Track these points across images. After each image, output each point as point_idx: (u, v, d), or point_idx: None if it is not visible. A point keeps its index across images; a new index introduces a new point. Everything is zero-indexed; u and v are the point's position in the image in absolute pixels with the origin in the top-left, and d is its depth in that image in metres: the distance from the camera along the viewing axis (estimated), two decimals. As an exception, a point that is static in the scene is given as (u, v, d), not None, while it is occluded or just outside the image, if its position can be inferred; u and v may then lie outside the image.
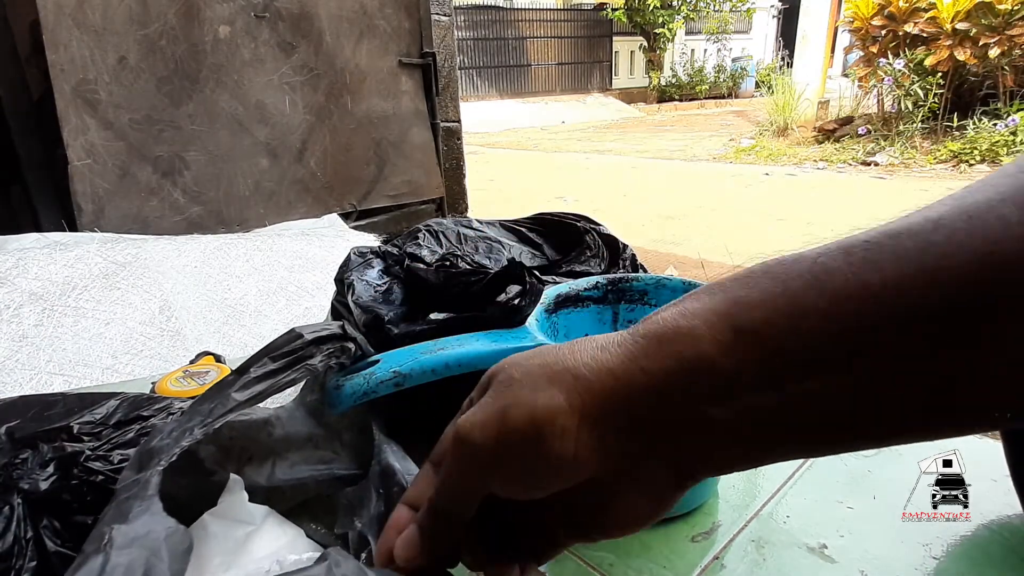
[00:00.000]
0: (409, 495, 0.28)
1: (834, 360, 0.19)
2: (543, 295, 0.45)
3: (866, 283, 0.19)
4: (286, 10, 2.06)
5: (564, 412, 0.22)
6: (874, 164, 5.15)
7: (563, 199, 4.47)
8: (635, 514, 0.24)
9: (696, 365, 0.21)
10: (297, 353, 0.35)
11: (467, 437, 0.23)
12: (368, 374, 0.38)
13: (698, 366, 0.21)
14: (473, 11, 10.92)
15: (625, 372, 0.22)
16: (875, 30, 5.38)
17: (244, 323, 1.32)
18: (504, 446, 0.23)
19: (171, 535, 0.26)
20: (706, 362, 0.20)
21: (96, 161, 1.71)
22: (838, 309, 0.19)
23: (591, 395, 0.22)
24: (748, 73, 12.67)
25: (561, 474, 0.23)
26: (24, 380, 1.07)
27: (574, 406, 0.22)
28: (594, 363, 0.22)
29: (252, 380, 0.33)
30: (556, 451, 0.22)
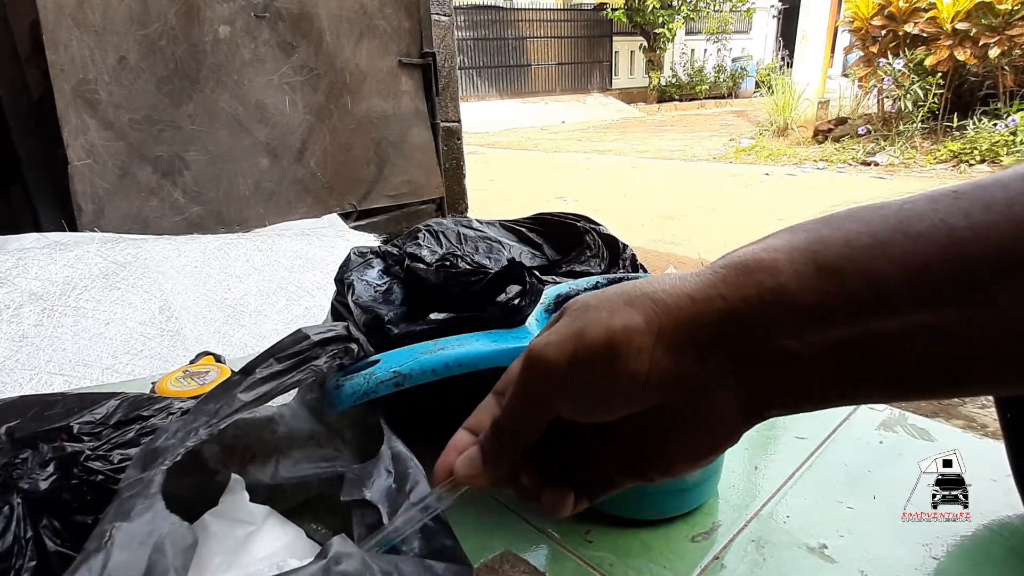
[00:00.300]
0: (470, 422, 0.28)
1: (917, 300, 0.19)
2: (543, 295, 0.45)
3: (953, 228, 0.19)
4: (286, 10, 2.06)
5: (641, 331, 0.22)
6: (874, 164, 5.15)
7: (563, 199, 4.47)
8: (697, 447, 0.24)
9: (776, 296, 0.21)
10: (303, 354, 0.35)
11: (540, 356, 0.24)
12: (368, 374, 0.38)
13: (778, 297, 0.21)
14: (473, 11, 10.92)
15: (704, 297, 0.22)
16: (875, 30, 5.38)
17: (244, 323, 1.32)
18: (578, 365, 0.23)
19: (174, 532, 0.26)
20: (786, 293, 0.20)
21: (96, 161, 1.71)
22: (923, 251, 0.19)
23: (668, 317, 0.22)
24: (748, 73, 12.67)
25: (632, 394, 0.23)
26: (24, 380, 1.07)
27: (651, 326, 0.22)
28: (672, 289, 0.22)
29: (258, 381, 0.33)
30: (630, 369, 0.22)
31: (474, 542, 0.42)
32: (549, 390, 0.24)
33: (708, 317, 0.22)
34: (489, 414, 0.27)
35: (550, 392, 0.24)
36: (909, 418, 0.55)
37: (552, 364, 0.23)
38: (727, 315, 0.21)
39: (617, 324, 0.22)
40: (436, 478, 0.27)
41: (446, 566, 0.28)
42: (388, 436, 0.36)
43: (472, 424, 0.28)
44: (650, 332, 0.22)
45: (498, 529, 0.43)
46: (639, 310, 0.22)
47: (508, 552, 0.41)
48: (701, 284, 0.22)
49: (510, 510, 0.45)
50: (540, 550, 0.42)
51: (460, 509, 0.45)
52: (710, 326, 0.22)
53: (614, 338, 0.22)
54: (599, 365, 0.23)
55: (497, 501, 0.46)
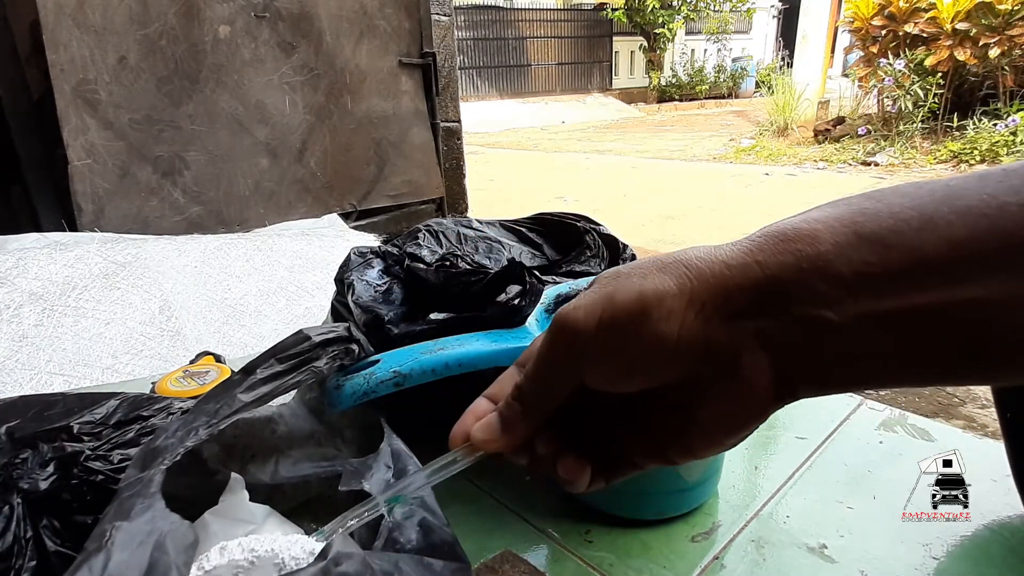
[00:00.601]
0: (491, 390, 0.27)
1: (962, 274, 0.19)
2: (543, 295, 0.45)
3: (1003, 204, 0.18)
4: (286, 10, 2.06)
5: (672, 295, 0.22)
6: (874, 164, 5.15)
7: (563, 199, 4.47)
8: (723, 425, 0.23)
9: (815, 264, 0.20)
10: (304, 355, 0.35)
11: (568, 319, 0.23)
12: (368, 374, 0.38)
13: (817, 266, 0.20)
14: (473, 11, 10.92)
15: (740, 264, 0.21)
16: (875, 30, 5.38)
17: (244, 323, 1.32)
18: (607, 328, 0.22)
19: (175, 530, 0.26)
20: (826, 263, 0.20)
21: (96, 161, 1.71)
22: (971, 225, 0.19)
23: (702, 283, 0.21)
24: (748, 73, 12.67)
25: (661, 360, 0.22)
26: (24, 380, 1.07)
27: (683, 290, 0.22)
28: (707, 256, 0.22)
29: (258, 381, 0.33)
30: (660, 332, 0.22)
31: (474, 542, 0.42)
32: (576, 354, 0.23)
33: (743, 284, 0.21)
34: (511, 382, 0.26)
35: (577, 356, 0.23)
36: (909, 418, 0.55)
37: (581, 327, 0.23)
38: (763, 282, 0.21)
39: (648, 288, 0.22)
40: (452, 442, 0.27)
41: (444, 564, 0.28)
42: (388, 434, 0.36)
43: (492, 392, 0.27)
44: (682, 296, 0.22)
45: (498, 529, 0.43)
46: (672, 275, 0.22)
47: (508, 552, 0.41)
48: (737, 252, 0.22)
49: (510, 510, 0.45)
50: (540, 550, 0.42)
51: (460, 509, 0.45)
52: (745, 293, 0.21)
53: (645, 301, 0.22)
54: (629, 328, 0.22)
55: (497, 501, 0.46)
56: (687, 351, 0.22)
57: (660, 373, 0.23)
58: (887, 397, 1.75)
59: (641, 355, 0.22)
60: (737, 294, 0.21)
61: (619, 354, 0.23)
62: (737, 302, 0.21)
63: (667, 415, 0.24)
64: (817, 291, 0.20)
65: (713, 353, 0.22)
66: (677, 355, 0.22)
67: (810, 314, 0.20)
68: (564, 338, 0.23)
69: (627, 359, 0.23)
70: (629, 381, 0.23)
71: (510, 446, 0.26)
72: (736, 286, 0.21)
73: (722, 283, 0.21)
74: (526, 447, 0.27)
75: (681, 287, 0.22)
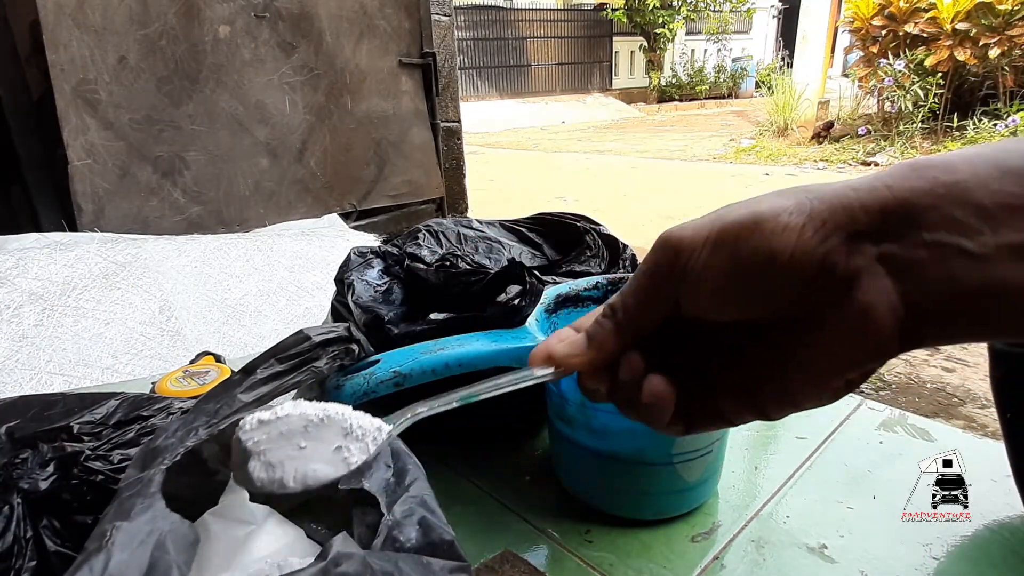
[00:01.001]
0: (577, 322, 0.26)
1: None
2: (543, 295, 0.45)
3: None
4: (286, 10, 2.06)
5: (789, 211, 0.20)
6: (874, 164, 5.15)
7: (563, 199, 4.47)
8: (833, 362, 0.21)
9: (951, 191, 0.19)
10: (304, 355, 0.35)
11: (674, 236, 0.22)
12: (368, 374, 0.38)
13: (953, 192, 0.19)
14: (473, 11, 10.92)
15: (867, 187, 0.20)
16: (875, 30, 5.38)
17: (244, 323, 1.32)
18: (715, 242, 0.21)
19: (175, 530, 0.26)
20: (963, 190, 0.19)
21: (96, 161, 1.71)
22: None
23: (823, 201, 0.20)
24: (748, 73, 12.68)
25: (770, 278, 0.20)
26: (24, 380, 1.07)
27: (802, 208, 0.20)
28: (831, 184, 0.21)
29: (258, 381, 0.33)
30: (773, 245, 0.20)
31: (474, 542, 0.42)
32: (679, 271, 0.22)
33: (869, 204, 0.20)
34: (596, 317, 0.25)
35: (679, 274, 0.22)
36: (909, 418, 0.55)
37: (687, 241, 0.22)
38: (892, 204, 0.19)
39: (764, 205, 0.21)
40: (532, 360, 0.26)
41: (444, 564, 0.28)
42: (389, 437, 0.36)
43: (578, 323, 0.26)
44: (800, 212, 0.20)
45: (498, 529, 0.43)
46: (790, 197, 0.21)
47: (508, 552, 0.41)
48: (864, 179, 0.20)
49: (510, 510, 0.45)
50: (540, 550, 0.42)
51: (460, 509, 0.45)
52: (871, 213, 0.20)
53: (759, 214, 0.20)
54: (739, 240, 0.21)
55: (497, 501, 0.46)
56: (800, 270, 0.20)
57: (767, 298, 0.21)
58: (887, 397, 1.75)
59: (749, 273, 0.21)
60: (862, 214, 0.20)
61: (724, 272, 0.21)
62: (861, 222, 0.20)
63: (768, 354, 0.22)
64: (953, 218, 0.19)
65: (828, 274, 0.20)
66: (788, 274, 0.20)
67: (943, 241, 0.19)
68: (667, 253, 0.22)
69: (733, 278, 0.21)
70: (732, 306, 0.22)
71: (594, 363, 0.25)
72: (861, 206, 0.20)
73: (845, 203, 0.20)
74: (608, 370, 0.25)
75: (800, 205, 0.20)
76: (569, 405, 0.43)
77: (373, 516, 0.30)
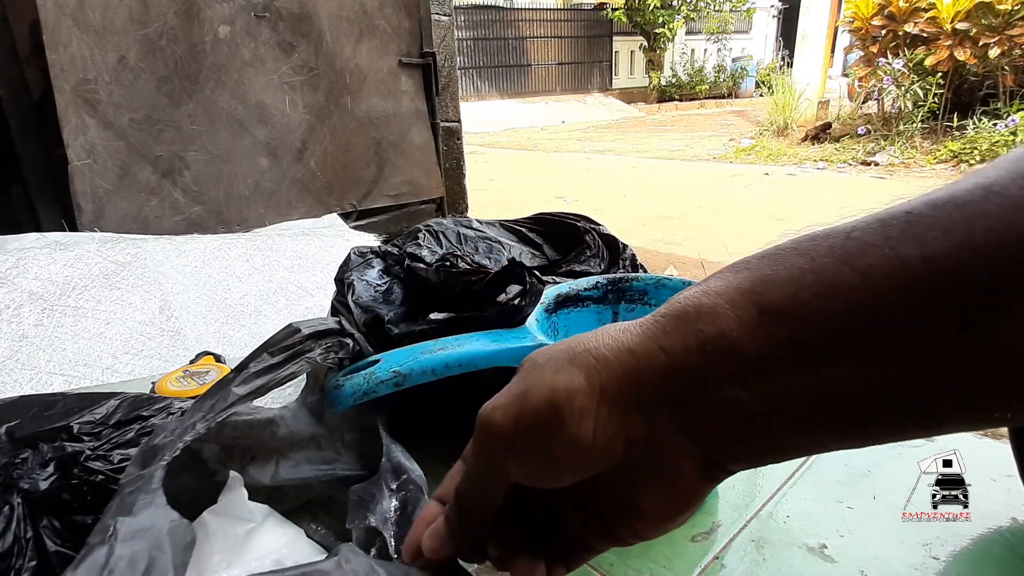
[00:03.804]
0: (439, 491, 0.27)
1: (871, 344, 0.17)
2: (543, 295, 0.45)
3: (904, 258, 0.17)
4: (286, 10, 2.06)
5: (583, 392, 0.21)
6: (874, 164, 5.15)
7: (563, 199, 4.47)
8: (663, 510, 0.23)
9: (718, 344, 0.19)
10: (295, 347, 0.35)
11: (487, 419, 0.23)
12: (368, 374, 0.38)
13: (720, 345, 0.19)
14: (473, 11, 10.92)
15: (644, 351, 0.21)
16: (875, 30, 5.38)
17: (244, 323, 1.32)
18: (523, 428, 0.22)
19: (174, 528, 0.26)
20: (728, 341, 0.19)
21: (96, 161, 1.71)
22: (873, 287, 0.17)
23: (610, 374, 0.21)
24: (748, 73, 12.67)
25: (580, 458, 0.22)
26: (24, 380, 1.07)
27: (593, 386, 0.21)
28: (613, 343, 0.21)
29: (252, 375, 0.34)
30: (574, 432, 0.21)
31: (474, 542, 0.42)
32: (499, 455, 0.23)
33: (649, 373, 0.20)
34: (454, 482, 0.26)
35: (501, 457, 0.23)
36: (909, 418, 0.55)
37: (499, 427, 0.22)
38: (669, 369, 0.20)
39: (559, 385, 0.21)
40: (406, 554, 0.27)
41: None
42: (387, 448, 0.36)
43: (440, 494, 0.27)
44: (592, 393, 0.21)
45: (498, 529, 0.43)
46: (581, 368, 0.21)
47: (508, 552, 0.41)
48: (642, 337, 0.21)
49: (510, 510, 0.45)
50: (540, 550, 0.42)
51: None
52: (652, 382, 0.20)
53: (556, 400, 0.21)
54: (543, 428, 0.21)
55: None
56: (605, 448, 0.21)
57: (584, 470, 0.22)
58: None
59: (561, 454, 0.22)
60: (645, 384, 0.21)
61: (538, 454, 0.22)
62: (646, 393, 0.21)
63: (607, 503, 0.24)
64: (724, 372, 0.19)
65: (632, 447, 0.21)
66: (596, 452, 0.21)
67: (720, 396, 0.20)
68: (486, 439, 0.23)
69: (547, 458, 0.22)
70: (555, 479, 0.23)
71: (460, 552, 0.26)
72: (643, 376, 0.21)
73: (629, 374, 0.21)
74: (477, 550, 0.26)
75: (591, 383, 0.21)
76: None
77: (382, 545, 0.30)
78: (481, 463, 0.24)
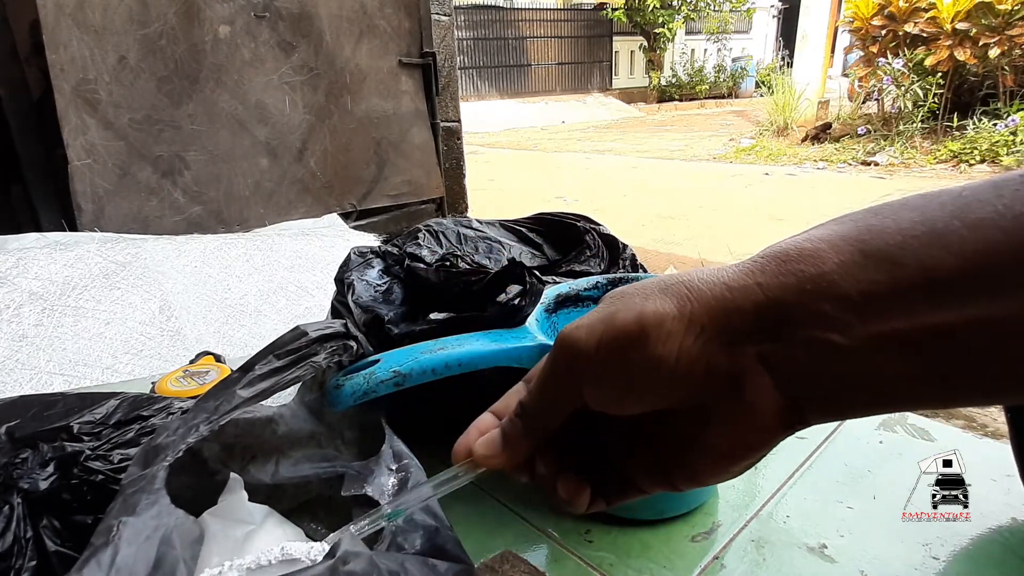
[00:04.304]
0: (496, 406, 0.28)
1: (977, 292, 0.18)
2: (543, 295, 0.45)
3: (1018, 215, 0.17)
4: (286, 10, 2.06)
5: (672, 317, 0.21)
6: (874, 164, 5.15)
7: (563, 199, 4.47)
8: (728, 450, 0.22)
9: (818, 285, 0.19)
10: (301, 351, 0.35)
11: (569, 338, 0.23)
12: (368, 374, 0.38)
13: (819, 285, 0.19)
14: (473, 11, 10.92)
15: (740, 286, 0.21)
16: (875, 30, 5.38)
17: (244, 323, 1.32)
18: (607, 348, 0.22)
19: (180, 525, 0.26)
20: (830, 283, 0.19)
21: (96, 161, 1.71)
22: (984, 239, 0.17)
23: (702, 304, 0.21)
24: (748, 73, 12.68)
25: (660, 383, 0.22)
26: (24, 380, 1.07)
27: (683, 312, 0.21)
28: (708, 278, 0.22)
29: (257, 377, 0.33)
30: (658, 354, 0.21)
31: (474, 542, 0.42)
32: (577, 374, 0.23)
33: (743, 306, 0.20)
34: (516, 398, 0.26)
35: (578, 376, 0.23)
36: (909, 418, 0.55)
37: (581, 346, 0.23)
38: (764, 305, 0.20)
39: (649, 309, 0.22)
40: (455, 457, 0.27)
41: (448, 565, 0.28)
42: (389, 436, 0.36)
43: (498, 408, 0.27)
44: (682, 318, 0.21)
45: (498, 529, 0.43)
46: (673, 296, 0.22)
47: (508, 552, 0.41)
48: (739, 273, 0.21)
49: (510, 510, 0.45)
50: (540, 550, 0.42)
51: (460, 509, 0.45)
52: (745, 315, 0.20)
53: (644, 321, 0.21)
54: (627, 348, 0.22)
55: (497, 501, 0.46)
56: (687, 375, 0.21)
57: (661, 396, 0.22)
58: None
59: (640, 377, 0.22)
60: (737, 317, 0.21)
61: (618, 375, 0.22)
62: (737, 325, 0.21)
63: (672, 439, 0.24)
64: (821, 313, 0.19)
65: (714, 377, 0.21)
66: (676, 378, 0.22)
67: (815, 337, 0.20)
68: (565, 357, 0.23)
69: (627, 381, 0.22)
70: (629, 403, 0.23)
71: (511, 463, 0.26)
72: (736, 308, 0.21)
73: (722, 305, 0.21)
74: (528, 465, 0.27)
75: (681, 309, 0.21)
76: (569, 405, 0.43)
77: None
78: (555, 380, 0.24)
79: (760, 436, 0.22)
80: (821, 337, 0.19)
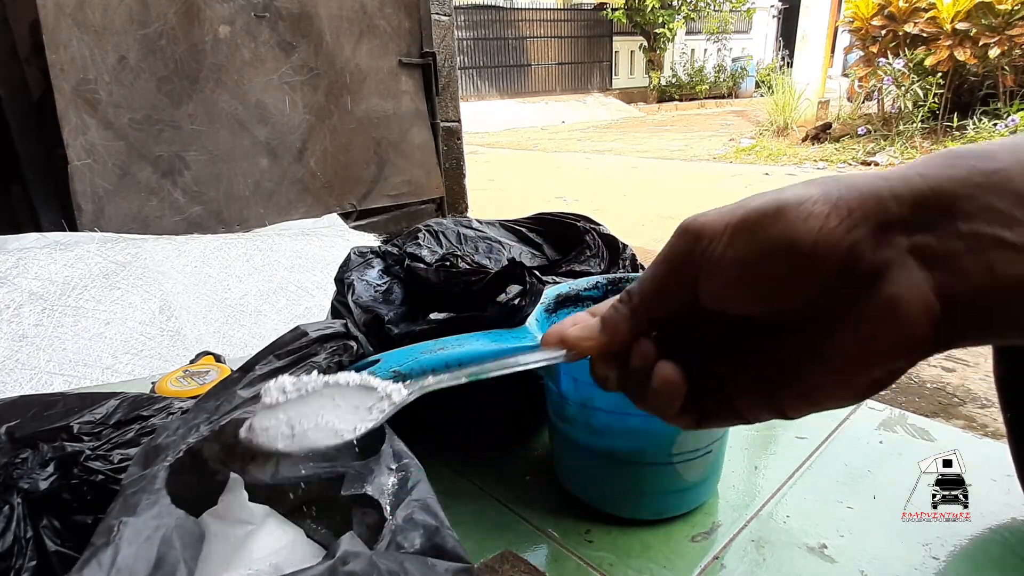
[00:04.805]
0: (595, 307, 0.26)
1: None
2: (543, 295, 0.45)
3: None
4: (286, 10, 2.06)
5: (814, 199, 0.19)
6: (874, 164, 5.15)
7: (563, 199, 4.47)
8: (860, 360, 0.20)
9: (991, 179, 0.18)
10: (302, 351, 0.35)
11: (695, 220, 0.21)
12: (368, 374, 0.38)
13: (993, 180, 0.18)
14: (473, 11, 10.92)
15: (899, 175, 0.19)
16: (875, 30, 5.38)
17: (244, 323, 1.32)
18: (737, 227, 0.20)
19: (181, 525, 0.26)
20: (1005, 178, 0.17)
21: (96, 161, 1.71)
22: None
23: (852, 190, 0.19)
24: (748, 73, 12.67)
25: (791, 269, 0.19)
26: (24, 380, 1.07)
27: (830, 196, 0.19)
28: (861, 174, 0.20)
29: (257, 378, 0.34)
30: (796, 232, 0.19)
31: (474, 542, 0.42)
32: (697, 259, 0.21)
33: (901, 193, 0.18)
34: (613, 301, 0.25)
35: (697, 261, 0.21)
36: (909, 418, 0.55)
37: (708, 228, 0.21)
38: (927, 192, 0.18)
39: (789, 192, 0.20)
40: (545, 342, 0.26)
41: (448, 565, 0.28)
42: (389, 436, 0.36)
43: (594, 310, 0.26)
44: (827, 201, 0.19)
45: (498, 529, 0.43)
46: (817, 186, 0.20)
47: (508, 552, 0.41)
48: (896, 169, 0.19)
49: (510, 510, 0.45)
50: (540, 550, 0.42)
51: (460, 509, 0.45)
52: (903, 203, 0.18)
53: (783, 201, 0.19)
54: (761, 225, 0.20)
55: (497, 501, 0.46)
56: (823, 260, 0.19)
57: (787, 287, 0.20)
58: (887, 397, 1.75)
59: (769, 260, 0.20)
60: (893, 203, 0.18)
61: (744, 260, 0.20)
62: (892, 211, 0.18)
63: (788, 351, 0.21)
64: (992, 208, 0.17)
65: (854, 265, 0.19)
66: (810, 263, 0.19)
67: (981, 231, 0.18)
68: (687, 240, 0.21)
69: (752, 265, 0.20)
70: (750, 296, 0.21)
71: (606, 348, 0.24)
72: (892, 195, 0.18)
73: (876, 191, 0.19)
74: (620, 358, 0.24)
75: (827, 193, 0.19)
76: (569, 405, 0.43)
77: (374, 518, 0.30)
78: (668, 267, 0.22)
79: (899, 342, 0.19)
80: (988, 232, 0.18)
